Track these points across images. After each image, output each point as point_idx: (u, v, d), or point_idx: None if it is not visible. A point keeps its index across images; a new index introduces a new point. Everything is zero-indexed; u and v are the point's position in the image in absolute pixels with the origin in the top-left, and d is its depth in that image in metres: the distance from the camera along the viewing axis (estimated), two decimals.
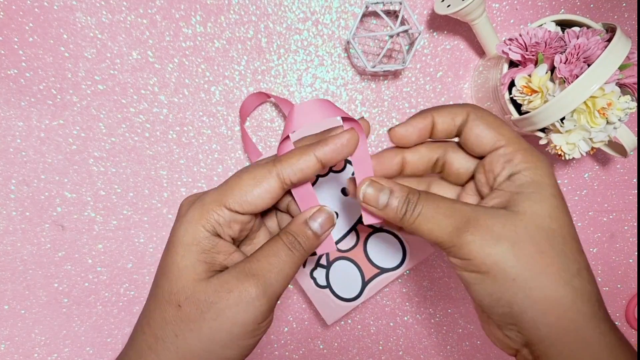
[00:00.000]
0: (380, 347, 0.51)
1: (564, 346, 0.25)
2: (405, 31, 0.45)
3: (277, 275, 0.27)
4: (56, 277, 0.49)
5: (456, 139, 0.31)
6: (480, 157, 0.30)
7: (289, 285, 0.50)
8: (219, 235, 0.28)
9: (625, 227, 0.52)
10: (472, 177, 0.31)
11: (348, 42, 0.47)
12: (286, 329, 0.51)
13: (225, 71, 0.49)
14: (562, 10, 0.50)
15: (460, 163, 0.31)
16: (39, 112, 0.48)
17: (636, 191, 0.51)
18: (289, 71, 0.49)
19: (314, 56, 0.49)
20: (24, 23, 0.47)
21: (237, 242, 0.30)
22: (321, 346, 0.51)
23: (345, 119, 0.28)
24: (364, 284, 0.45)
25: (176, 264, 0.27)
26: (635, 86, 0.39)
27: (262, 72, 0.49)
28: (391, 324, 0.51)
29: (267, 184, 0.27)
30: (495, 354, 0.52)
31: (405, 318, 0.51)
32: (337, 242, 0.46)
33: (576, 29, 0.40)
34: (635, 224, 0.52)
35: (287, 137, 0.28)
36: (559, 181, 0.51)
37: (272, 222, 0.33)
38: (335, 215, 0.30)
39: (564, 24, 0.42)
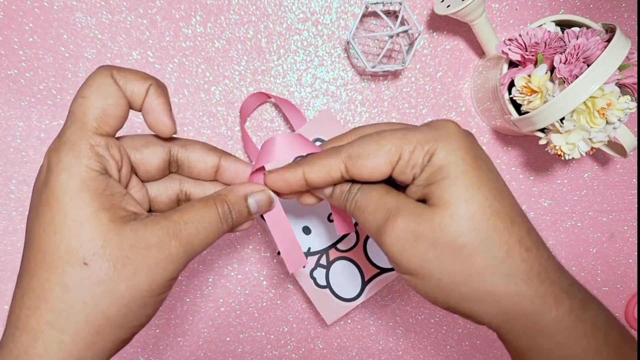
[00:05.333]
0: (380, 347, 0.51)
1: (510, 327, 0.25)
2: (405, 31, 0.45)
3: (202, 241, 0.25)
4: None
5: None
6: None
7: (289, 285, 0.50)
8: (106, 172, 0.24)
9: (625, 227, 0.52)
10: None
11: (348, 43, 0.47)
12: (286, 328, 0.51)
13: (225, 71, 0.49)
14: (562, 11, 0.50)
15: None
16: (39, 112, 0.48)
17: (636, 191, 0.51)
18: (288, 71, 0.49)
19: (313, 56, 0.49)
20: (24, 23, 0.47)
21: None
22: (321, 346, 0.51)
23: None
24: (364, 283, 0.45)
25: (70, 217, 0.22)
26: (635, 86, 0.39)
27: (262, 73, 0.49)
28: (391, 323, 0.51)
29: (111, 92, 0.24)
30: (494, 354, 0.52)
31: (405, 318, 0.51)
32: (337, 242, 0.46)
33: (576, 29, 0.40)
34: (635, 224, 0.52)
35: (262, 167, 0.29)
36: (557, 181, 0.51)
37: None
38: (273, 201, 0.29)
39: (563, 24, 0.42)
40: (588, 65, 0.38)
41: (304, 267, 0.45)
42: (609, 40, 0.38)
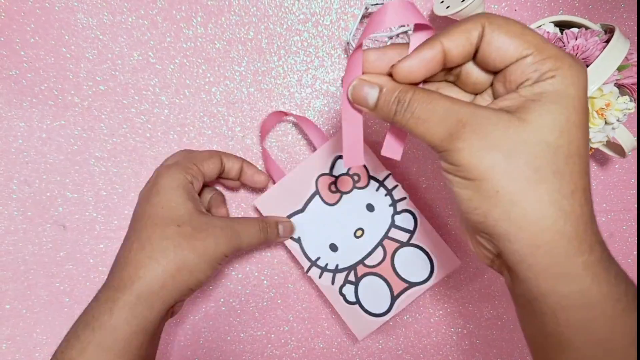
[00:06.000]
0: (380, 346, 0.51)
1: (535, 263, 0.24)
2: (405, 32, 0.46)
3: (246, 238, 0.39)
4: (58, 276, 0.50)
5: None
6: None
7: (289, 285, 0.50)
8: (192, 184, 0.39)
9: (624, 227, 0.52)
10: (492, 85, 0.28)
11: (348, 43, 0.47)
12: (286, 328, 0.51)
13: (225, 72, 0.49)
14: (561, 11, 0.50)
15: (479, 75, 0.28)
16: (41, 113, 0.48)
17: (635, 191, 0.51)
18: (289, 72, 0.50)
19: (314, 57, 0.50)
20: (25, 24, 0.48)
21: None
22: (321, 345, 0.51)
23: (418, 27, 0.28)
24: (393, 298, 0.45)
25: (172, 201, 0.37)
26: (634, 87, 0.40)
27: (262, 73, 0.49)
28: (391, 323, 0.51)
29: (214, 158, 0.43)
30: (494, 353, 0.52)
31: (405, 317, 0.51)
32: (364, 258, 0.46)
33: (575, 30, 0.40)
34: (634, 223, 0.52)
35: (361, 44, 0.28)
36: None
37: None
38: (293, 229, 0.44)
39: (562, 25, 0.42)
40: (587, 66, 0.38)
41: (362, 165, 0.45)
42: (607, 41, 0.38)
